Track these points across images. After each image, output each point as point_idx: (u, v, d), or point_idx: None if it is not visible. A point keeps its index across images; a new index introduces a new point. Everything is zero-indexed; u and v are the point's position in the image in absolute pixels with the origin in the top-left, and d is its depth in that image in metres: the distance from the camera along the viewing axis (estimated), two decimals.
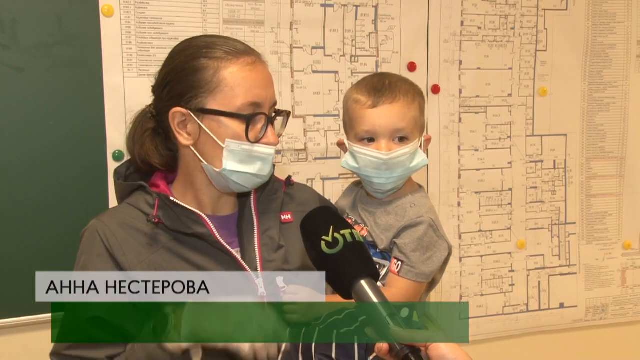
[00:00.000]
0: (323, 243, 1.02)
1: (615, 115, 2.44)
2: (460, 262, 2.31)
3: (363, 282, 0.99)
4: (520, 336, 2.43)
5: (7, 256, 1.77)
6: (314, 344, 1.23)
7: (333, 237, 1.02)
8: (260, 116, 1.28)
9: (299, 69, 2.04)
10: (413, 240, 1.41)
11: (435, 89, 2.20)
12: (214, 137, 1.27)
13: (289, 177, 1.50)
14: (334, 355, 1.20)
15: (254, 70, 1.28)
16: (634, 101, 2.44)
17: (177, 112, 1.30)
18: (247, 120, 1.26)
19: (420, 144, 1.46)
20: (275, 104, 1.33)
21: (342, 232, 1.03)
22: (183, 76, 1.29)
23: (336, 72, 2.08)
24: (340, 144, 1.52)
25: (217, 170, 1.28)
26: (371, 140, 1.43)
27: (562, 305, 2.45)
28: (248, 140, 1.27)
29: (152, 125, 1.37)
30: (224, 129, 1.27)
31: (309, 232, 1.07)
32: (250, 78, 1.27)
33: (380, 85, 1.44)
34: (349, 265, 1.00)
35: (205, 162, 1.30)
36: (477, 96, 2.26)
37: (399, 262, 1.40)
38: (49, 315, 1.81)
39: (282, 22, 2.00)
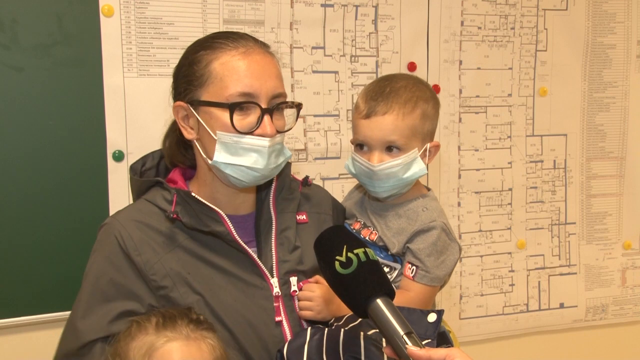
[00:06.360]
0: (337, 263, 1.02)
1: (615, 115, 2.44)
2: (460, 262, 2.30)
3: (379, 301, 0.98)
4: (520, 336, 2.43)
5: (7, 256, 1.77)
6: (341, 345, 1.21)
7: (347, 257, 1.02)
8: (250, 106, 1.26)
9: (299, 69, 2.04)
10: (427, 245, 1.40)
11: (435, 89, 2.20)
12: (207, 129, 1.27)
13: (307, 178, 1.50)
14: (362, 358, 1.19)
15: (246, 60, 1.27)
16: (634, 101, 2.44)
17: (178, 106, 1.32)
18: (230, 108, 1.24)
19: (425, 151, 1.44)
20: (279, 95, 1.30)
21: (355, 251, 1.03)
22: (183, 71, 1.32)
23: (336, 72, 2.08)
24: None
25: (211, 162, 1.28)
26: (366, 147, 1.43)
27: (562, 305, 2.45)
28: (235, 130, 1.25)
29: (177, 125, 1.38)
30: (215, 120, 1.27)
31: (322, 252, 1.07)
32: (241, 68, 1.26)
33: (378, 94, 1.41)
34: (364, 285, 1.00)
35: (205, 155, 1.31)
36: (477, 96, 2.26)
37: (414, 267, 1.39)
38: (49, 315, 1.81)
39: (282, 22, 2.00)
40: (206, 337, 1.15)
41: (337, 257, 1.02)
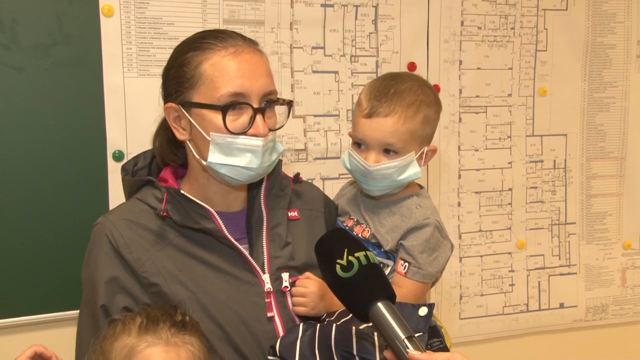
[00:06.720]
0: (338, 267, 1.02)
1: (615, 115, 2.44)
2: (460, 262, 2.31)
3: (380, 305, 0.99)
4: (520, 336, 2.43)
5: (7, 256, 1.77)
6: (333, 340, 1.21)
7: (348, 261, 1.02)
8: (242, 106, 1.26)
9: (299, 69, 2.04)
10: (420, 242, 1.41)
11: (435, 89, 2.19)
12: (200, 130, 1.27)
13: (297, 175, 1.50)
14: (355, 352, 1.19)
15: (236, 60, 1.27)
16: (634, 101, 2.44)
17: (169, 108, 1.32)
18: (223, 110, 1.24)
19: (423, 154, 1.45)
20: (269, 93, 1.30)
21: (356, 254, 1.03)
22: (173, 72, 1.32)
23: (336, 72, 2.08)
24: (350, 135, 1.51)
25: (205, 163, 1.29)
26: (364, 146, 1.43)
27: (562, 305, 2.45)
28: (228, 131, 1.25)
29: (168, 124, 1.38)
30: (207, 121, 1.27)
31: (323, 256, 1.07)
32: (231, 68, 1.26)
33: (382, 94, 1.40)
34: (364, 289, 1.00)
35: (198, 156, 1.31)
36: (477, 96, 2.26)
37: (406, 264, 1.40)
38: (49, 315, 1.82)
39: (282, 22, 2.00)
40: (186, 343, 1.16)
41: (338, 261, 1.02)
